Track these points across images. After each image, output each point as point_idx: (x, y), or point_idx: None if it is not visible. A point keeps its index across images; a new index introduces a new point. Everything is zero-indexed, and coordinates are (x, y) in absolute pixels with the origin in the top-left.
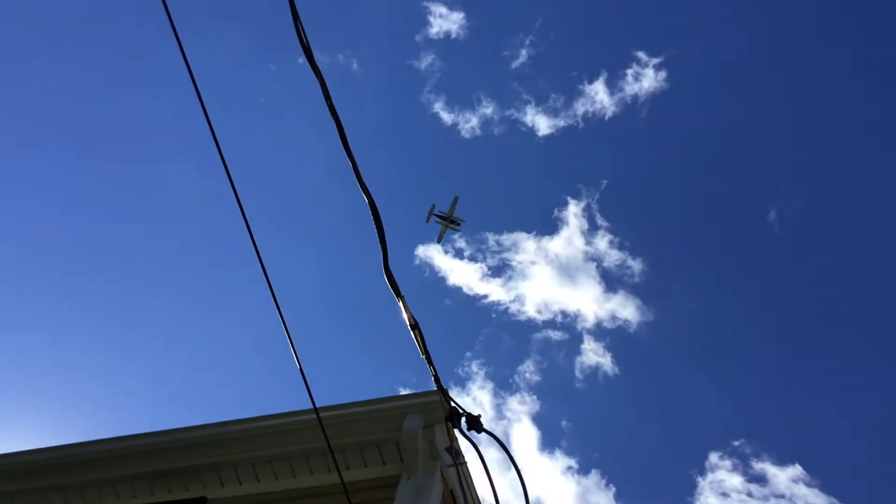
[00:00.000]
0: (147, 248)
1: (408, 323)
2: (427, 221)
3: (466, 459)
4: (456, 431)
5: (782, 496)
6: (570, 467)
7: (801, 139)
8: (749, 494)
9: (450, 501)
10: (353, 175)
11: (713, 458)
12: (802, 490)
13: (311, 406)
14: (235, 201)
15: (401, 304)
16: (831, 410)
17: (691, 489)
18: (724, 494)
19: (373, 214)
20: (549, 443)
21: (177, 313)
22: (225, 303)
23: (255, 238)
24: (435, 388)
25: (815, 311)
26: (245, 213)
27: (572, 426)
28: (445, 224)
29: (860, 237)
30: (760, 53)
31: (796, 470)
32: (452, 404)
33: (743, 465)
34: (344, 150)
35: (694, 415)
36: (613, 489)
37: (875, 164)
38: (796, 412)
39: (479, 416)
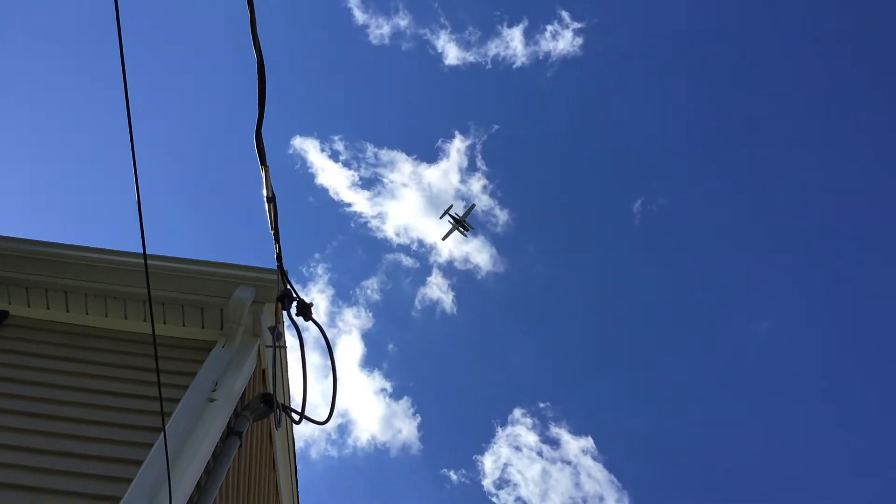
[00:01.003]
0: None
1: (265, 193)
2: (440, 217)
3: (286, 345)
4: (284, 315)
5: (569, 463)
6: (384, 389)
7: (682, 141)
8: (539, 454)
9: (259, 381)
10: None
11: (517, 412)
12: (588, 462)
13: (142, 250)
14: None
15: (263, 172)
16: (634, 398)
17: (489, 436)
18: (517, 448)
19: (259, 72)
20: (371, 362)
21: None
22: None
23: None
24: (275, 268)
25: (646, 303)
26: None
27: (398, 352)
28: (455, 226)
29: (708, 243)
30: (677, 46)
31: (588, 442)
32: (288, 287)
33: (541, 426)
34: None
35: (511, 369)
36: (419, 419)
37: (744, 178)
38: (602, 392)
39: (312, 304)
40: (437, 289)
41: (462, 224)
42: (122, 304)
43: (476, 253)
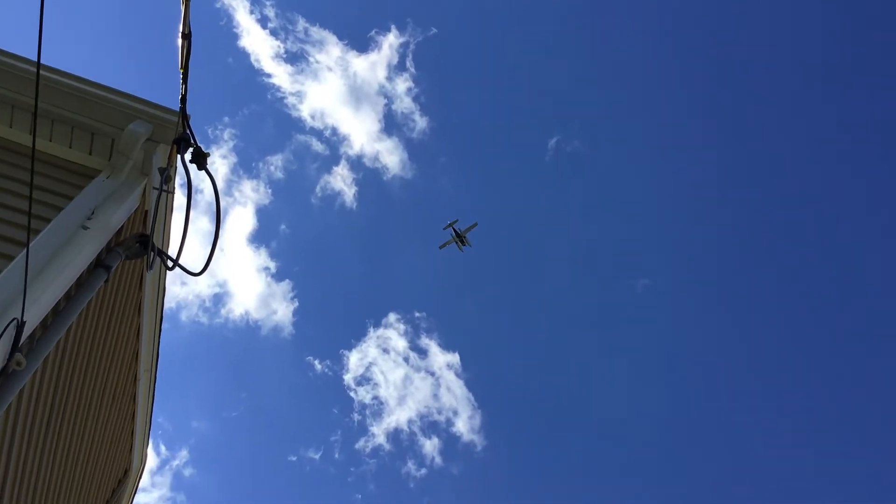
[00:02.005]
0: None
1: (181, 29)
2: (444, 229)
3: (173, 191)
4: (178, 160)
5: (432, 374)
6: (267, 268)
7: (612, 95)
8: (406, 360)
9: (139, 222)
10: None
11: (392, 317)
12: (451, 377)
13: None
14: None
15: (184, 7)
16: (507, 327)
17: (361, 334)
18: (385, 350)
19: None
20: (260, 239)
21: None
22: None
23: None
24: (177, 109)
25: (540, 238)
26: None
27: (289, 234)
28: (454, 239)
29: (612, 196)
30: None
31: (454, 358)
32: (187, 131)
33: (413, 334)
34: None
35: (395, 274)
36: (296, 304)
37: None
38: (479, 315)
39: (208, 154)
40: (341, 180)
41: (461, 238)
42: (9, 111)
43: (387, 154)
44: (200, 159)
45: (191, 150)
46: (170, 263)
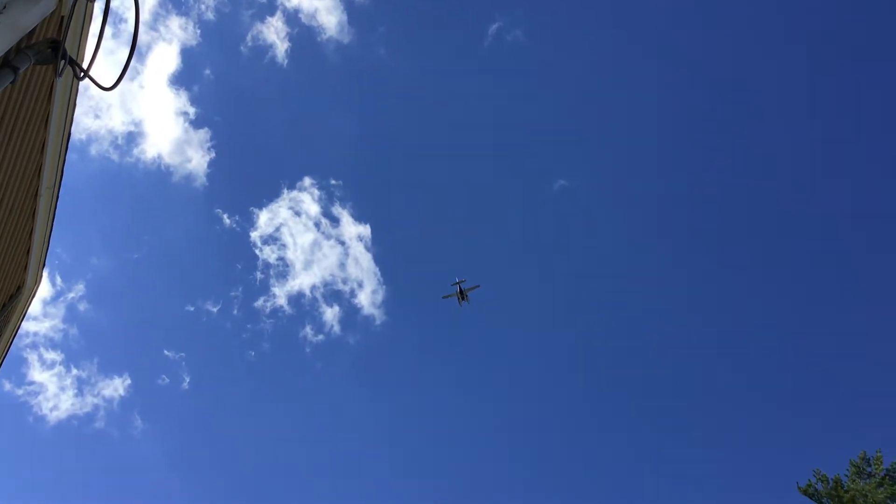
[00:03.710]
0: None
1: None
2: (452, 285)
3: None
4: None
5: (342, 243)
6: (186, 113)
7: None
8: (317, 225)
9: (54, 26)
10: None
11: (307, 181)
12: (360, 249)
13: None
14: None
15: None
16: (421, 204)
17: (274, 195)
18: (297, 213)
19: None
20: (182, 81)
21: None
22: None
23: None
24: None
25: (467, 122)
26: None
27: (213, 81)
28: (457, 294)
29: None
30: None
31: (366, 230)
32: None
33: (326, 201)
34: None
35: (316, 137)
36: (213, 156)
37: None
38: (396, 189)
39: None
40: (274, 33)
41: (463, 295)
42: None
43: (326, 13)
44: None
45: None
46: (81, 74)
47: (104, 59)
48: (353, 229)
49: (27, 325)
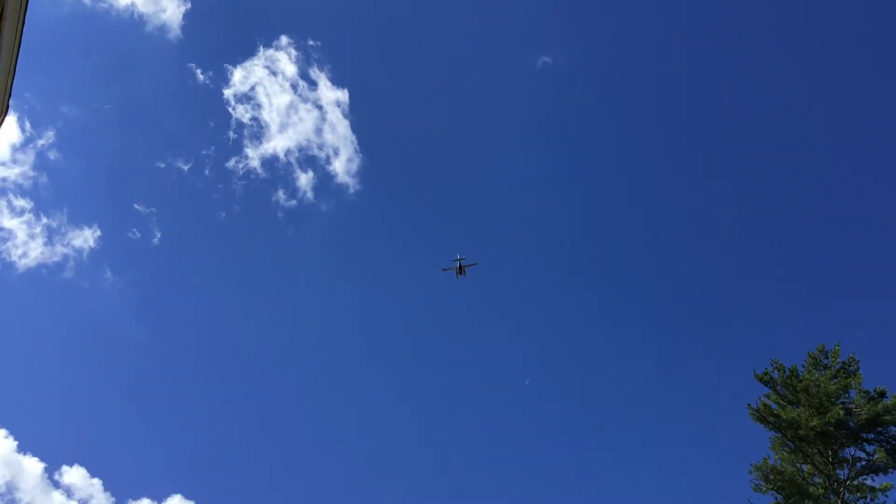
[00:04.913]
0: None
1: None
2: (454, 261)
3: None
4: None
5: (319, 108)
6: None
7: None
8: (294, 87)
9: None
10: None
11: (284, 40)
12: (337, 115)
13: None
14: None
15: None
16: (403, 75)
17: (249, 53)
18: (274, 73)
19: None
20: None
21: None
22: None
23: None
24: None
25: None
26: None
27: None
28: (455, 268)
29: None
30: None
31: (344, 96)
32: None
33: (304, 63)
34: None
35: None
36: (188, 6)
37: None
38: (379, 57)
39: None
40: None
41: (462, 271)
42: None
43: None
44: None
45: None
46: None
47: None
48: (331, 94)
49: None
